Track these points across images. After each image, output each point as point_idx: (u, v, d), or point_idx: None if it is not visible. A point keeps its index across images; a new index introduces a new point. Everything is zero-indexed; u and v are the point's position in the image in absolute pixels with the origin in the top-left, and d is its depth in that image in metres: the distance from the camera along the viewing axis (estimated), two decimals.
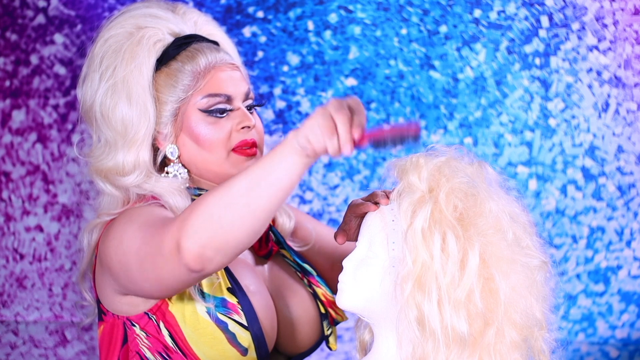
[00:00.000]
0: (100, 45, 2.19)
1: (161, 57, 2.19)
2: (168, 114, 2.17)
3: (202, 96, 2.16)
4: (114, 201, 2.21)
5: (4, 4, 3.41)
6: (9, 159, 3.45)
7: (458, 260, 1.82)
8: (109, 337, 2.18)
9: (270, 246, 2.27)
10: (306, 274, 2.29)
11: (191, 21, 2.26)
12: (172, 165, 2.19)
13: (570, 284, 3.42)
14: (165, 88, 2.17)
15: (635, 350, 3.44)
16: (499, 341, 1.84)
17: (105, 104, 2.16)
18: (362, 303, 1.93)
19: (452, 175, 1.87)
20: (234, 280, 2.15)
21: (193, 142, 2.17)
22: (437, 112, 3.41)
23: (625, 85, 3.37)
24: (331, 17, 3.41)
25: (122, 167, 2.16)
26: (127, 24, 2.20)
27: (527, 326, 1.86)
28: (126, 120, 2.14)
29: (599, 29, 3.37)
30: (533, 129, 3.40)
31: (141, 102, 2.14)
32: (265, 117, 3.43)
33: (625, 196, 3.41)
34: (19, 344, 3.47)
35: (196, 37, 2.23)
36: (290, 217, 2.37)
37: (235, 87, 2.20)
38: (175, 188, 2.15)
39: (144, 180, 2.16)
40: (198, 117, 2.17)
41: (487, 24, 3.38)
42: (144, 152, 2.16)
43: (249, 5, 3.40)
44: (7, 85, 3.43)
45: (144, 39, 2.17)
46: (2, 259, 3.46)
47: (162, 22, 2.21)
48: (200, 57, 2.18)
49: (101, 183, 2.20)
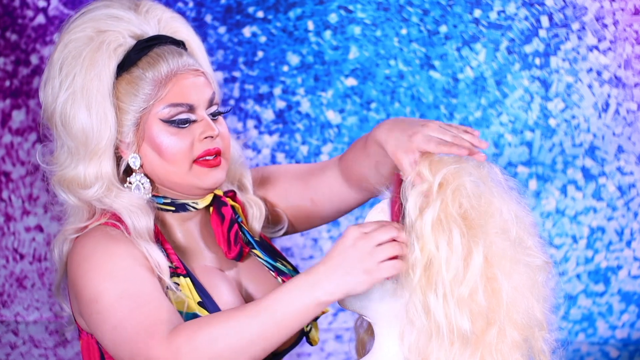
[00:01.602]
0: (60, 50, 2.12)
1: (122, 63, 2.12)
2: (130, 123, 2.11)
3: (163, 106, 2.10)
4: (78, 212, 2.16)
5: (4, 4, 3.41)
6: (9, 159, 3.45)
7: (462, 256, 1.82)
8: (87, 354, 2.17)
9: (240, 248, 2.20)
10: (280, 273, 2.24)
11: (154, 19, 2.18)
12: (135, 175, 2.13)
13: (570, 284, 3.41)
14: (126, 96, 2.11)
15: (635, 350, 3.44)
16: (501, 341, 1.85)
17: (65, 113, 2.10)
18: (363, 302, 1.94)
19: (460, 174, 1.87)
20: (204, 294, 2.11)
21: (155, 152, 2.11)
22: (437, 112, 3.41)
23: (625, 85, 3.37)
24: (331, 17, 3.41)
25: (84, 178, 2.10)
26: (87, 26, 2.12)
27: (528, 326, 1.86)
28: (87, 130, 2.09)
29: (599, 29, 3.37)
30: (533, 129, 3.40)
31: (101, 111, 2.08)
32: (265, 117, 3.43)
33: (625, 196, 3.41)
34: (19, 344, 3.47)
35: (159, 38, 2.16)
36: (260, 209, 2.30)
37: (198, 95, 2.12)
38: (135, 205, 2.09)
39: (104, 194, 2.10)
40: (159, 128, 2.10)
41: (487, 24, 3.38)
42: (105, 163, 2.10)
43: (249, 5, 3.40)
44: (7, 85, 3.43)
45: (103, 45, 2.10)
46: (2, 259, 3.46)
47: (123, 24, 2.14)
48: (162, 63, 2.11)
49: (63, 194, 2.14)
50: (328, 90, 3.42)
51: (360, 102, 3.42)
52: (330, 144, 3.42)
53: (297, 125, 3.43)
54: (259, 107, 3.43)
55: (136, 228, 2.08)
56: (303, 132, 3.43)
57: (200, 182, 2.12)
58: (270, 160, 3.41)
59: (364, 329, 2.07)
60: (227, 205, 2.20)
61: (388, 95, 3.42)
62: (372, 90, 3.41)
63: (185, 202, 2.16)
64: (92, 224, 2.11)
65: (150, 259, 2.06)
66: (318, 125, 3.43)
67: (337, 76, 3.41)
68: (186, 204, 2.16)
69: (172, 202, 2.16)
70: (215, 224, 2.19)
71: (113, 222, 2.09)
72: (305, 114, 3.42)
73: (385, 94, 3.42)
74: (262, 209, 2.29)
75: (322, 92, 3.42)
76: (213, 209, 2.21)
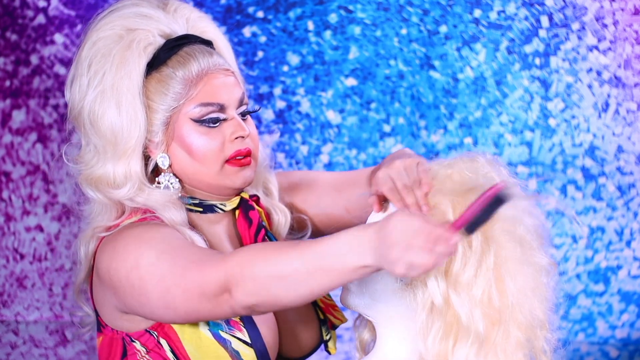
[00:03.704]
0: (89, 48, 2.10)
1: (152, 61, 2.10)
2: (159, 122, 2.09)
3: (194, 105, 2.08)
4: (107, 211, 2.13)
5: (4, 4, 3.41)
6: (9, 159, 3.45)
7: (477, 259, 1.84)
8: (107, 350, 2.15)
9: None
10: None
11: (183, 19, 2.17)
12: (164, 175, 2.11)
13: (570, 284, 3.42)
14: (156, 95, 2.09)
15: (635, 350, 3.44)
16: (505, 341, 1.86)
17: (94, 111, 2.07)
18: (367, 302, 1.94)
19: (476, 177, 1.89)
20: None
21: (185, 152, 2.10)
22: (437, 112, 3.41)
23: (625, 85, 3.37)
24: (331, 17, 3.41)
25: (113, 178, 2.08)
26: (116, 25, 2.11)
27: (531, 326, 1.87)
28: (116, 129, 2.06)
29: (599, 29, 3.37)
30: (533, 129, 3.40)
31: (131, 110, 2.06)
32: (265, 117, 3.43)
33: (625, 196, 3.41)
34: (19, 343, 3.47)
35: (188, 37, 2.15)
36: (286, 216, 2.28)
37: (229, 95, 2.11)
38: (168, 200, 2.08)
39: (136, 194, 2.08)
40: (190, 127, 2.09)
41: (487, 24, 3.38)
42: (134, 163, 2.08)
43: (249, 5, 3.40)
44: (7, 85, 3.43)
45: (134, 43, 2.08)
46: (2, 259, 3.46)
47: (153, 23, 2.12)
48: (193, 62, 2.09)
49: (91, 192, 2.12)
50: (328, 90, 3.42)
51: (360, 102, 3.42)
52: (330, 144, 3.42)
53: (297, 125, 3.43)
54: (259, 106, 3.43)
55: (174, 221, 2.07)
56: (303, 132, 3.43)
57: (230, 181, 2.11)
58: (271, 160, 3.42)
59: (363, 329, 2.07)
60: (254, 209, 2.19)
61: (388, 95, 3.42)
62: (372, 90, 3.41)
63: (214, 204, 2.15)
64: (124, 221, 2.10)
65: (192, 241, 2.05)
66: (318, 125, 3.43)
67: (337, 76, 3.42)
68: (214, 205, 2.15)
69: (200, 203, 2.15)
70: (242, 228, 2.18)
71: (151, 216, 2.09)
72: (305, 114, 3.43)
73: (385, 94, 3.42)
74: (288, 216, 2.28)
75: (322, 92, 3.42)
76: (240, 212, 2.19)
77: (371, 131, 3.42)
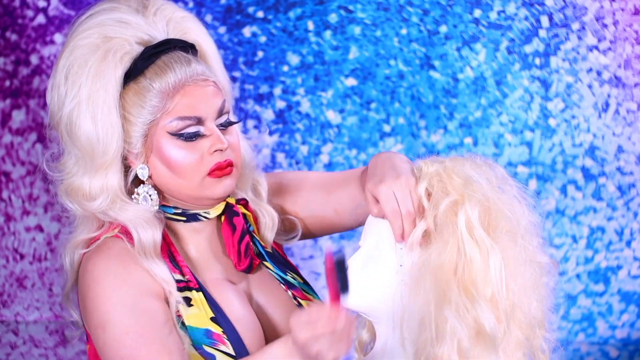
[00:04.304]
0: (66, 57, 2.06)
1: (129, 71, 2.05)
2: (137, 134, 2.05)
3: (171, 119, 2.03)
4: (87, 221, 2.10)
5: (4, 4, 3.40)
6: (9, 159, 3.45)
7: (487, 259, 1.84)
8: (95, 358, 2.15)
9: (250, 260, 2.15)
10: (290, 286, 2.21)
11: (163, 22, 2.11)
12: (142, 186, 2.07)
13: (570, 284, 3.41)
14: (133, 108, 2.04)
15: (635, 350, 3.44)
16: (506, 340, 1.86)
17: (71, 123, 2.05)
18: (368, 302, 1.93)
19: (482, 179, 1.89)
20: (216, 308, 2.08)
21: (164, 165, 2.06)
22: (437, 112, 3.41)
23: (625, 85, 3.37)
24: (331, 17, 3.41)
25: (89, 190, 2.05)
26: (94, 32, 2.06)
27: (530, 325, 1.87)
28: (92, 142, 2.03)
29: (599, 29, 3.37)
30: (533, 129, 3.40)
31: (107, 123, 2.02)
32: (265, 117, 3.43)
33: (625, 196, 3.41)
34: (19, 343, 3.47)
35: (169, 42, 2.09)
36: (273, 219, 2.24)
37: (207, 106, 2.06)
38: (141, 217, 2.04)
39: (108, 207, 2.04)
40: (167, 140, 2.04)
41: (487, 24, 3.38)
42: (112, 175, 2.05)
43: (249, 5, 3.40)
44: (7, 85, 3.43)
45: (109, 54, 2.03)
46: (2, 259, 3.46)
47: (130, 30, 2.07)
48: (169, 73, 2.04)
49: (70, 204, 2.10)
50: (328, 90, 3.42)
51: (360, 102, 3.42)
52: (330, 144, 3.42)
53: (297, 125, 3.43)
54: (259, 107, 3.43)
55: (142, 241, 2.03)
56: (303, 132, 3.43)
57: (210, 192, 2.08)
58: (270, 160, 3.41)
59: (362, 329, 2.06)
60: (239, 215, 2.16)
61: (388, 95, 3.42)
62: (372, 90, 3.41)
63: (197, 212, 2.12)
64: (103, 235, 2.08)
65: (155, 276, 2.03)
66: (318, 125, 3.43)
67: (337, 76, 3.41)
68: (197, 214, 2.12)
69: (183, 212, 2.12)
70: (226, 235, 2.15)
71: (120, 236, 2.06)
72: (305, 114, 3.42)
73: (385, 94, 3.41)
74: (275, 219, 2.24)
75: (322, 92, 3.42)
76: (224, 219, 2.16)
77: (371, 131, 3.42)
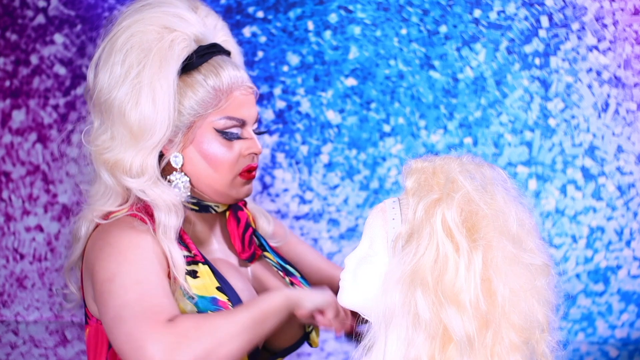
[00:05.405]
0: (126, 38, 2.14)
1: (184, 64, 2.16)
2: (182, 124, 2.15)
3: (220, 117, 2.16)
4: (112, 196, 2.19)
5: (4, 4, 3.40)
6: (9, 159, 3.45)
7: (465, 262, 1.82)
8: (94, 341, 2.18)
9: (253, 249, 2.29)
10: (288, 274, 2.31)
11: (212, 25, 2.23)
12: (175, 173, 2.18)
13: (570, 284, 3.42)
14: (184, 98, 2.15)
15: (635, 350, 3.44)
16: (497, 343, 1.84)
17: (126, 103, 2.12)
18: (362, 301, 1.94)
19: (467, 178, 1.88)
20: (221, 279, 2.17)
21: (202, 157, 2.17)
22: (437, 112, 3.41)
23: (625, 85, 3.38)
24: (331, 17, 3.41)
25: (129, 167, 2.14)
26: (155, 22, 2.15)
27: (527, 328, 1.86)
28: (145, 124, 2.11)
29: (598, 29, 3.37)
30: (533, 129, 3.40)
31: (166, 109, 2.11)
32: (265, 117, 3.43)
33: (625, 196, 3.42)
34: (19, 343, 3.47)
35: (216, 47, 2.21)
36: (268, 220, 2.41)
37: (250, 112, 2.21)
38: (174, 203, 2.14)
39: (150, 187, 2.14)
40: (212, 136, 2.16)
41: (487, 24, 3.38)
42: (152, 157, 2.14)
43: (249, 5, 3.40)
44: (7, 85, 3.43)
45: (174, 44, 2.13)
46: (2, 259, 3.46)
47: (189, 27, 2.17)
48: (224, 74, 2.16)
49: (106, 175, 2.18)
50: (328, 90, 3.42)
51: (360, 102, 3.42)
52: (330, 144, 3.43)
53: (297, 125, 3.43)
54: (259, 107, 3.43)
55: (166, 225, 2.13)
56: (303, 132, 3.43)
57: (236, 192, 2.20)
58: (270, 160, 3.42)
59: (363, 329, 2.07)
60: (242, 210, 2.29)
61: (388, 95, 3.42)
62: (372, 90, 3.41)
63: (209, 205, 2.23)
64: (120, 211, 2.15)
65: (170, 257, 2.11)
66: (318, 125, 3.43)
67: (337, 76, 3.42)
68: (210, 206, 2.24)
69: (198, 202, 2.22)
70: (232, 226, 2.27)
71: (142, 216, 2.14)
72: (305, 114, 3.43)
73: (385, 94, 3.42)
74: (270, 219, 2.41)
75: (322, 92, 3.42)
76: (230, 213, 2.29)
77: (371, 131, 3.42)
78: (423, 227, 1.85)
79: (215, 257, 2.27)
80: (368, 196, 3.43)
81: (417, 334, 1.84)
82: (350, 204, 3.43)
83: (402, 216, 1.90)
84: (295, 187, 3.43)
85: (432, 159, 1.95)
